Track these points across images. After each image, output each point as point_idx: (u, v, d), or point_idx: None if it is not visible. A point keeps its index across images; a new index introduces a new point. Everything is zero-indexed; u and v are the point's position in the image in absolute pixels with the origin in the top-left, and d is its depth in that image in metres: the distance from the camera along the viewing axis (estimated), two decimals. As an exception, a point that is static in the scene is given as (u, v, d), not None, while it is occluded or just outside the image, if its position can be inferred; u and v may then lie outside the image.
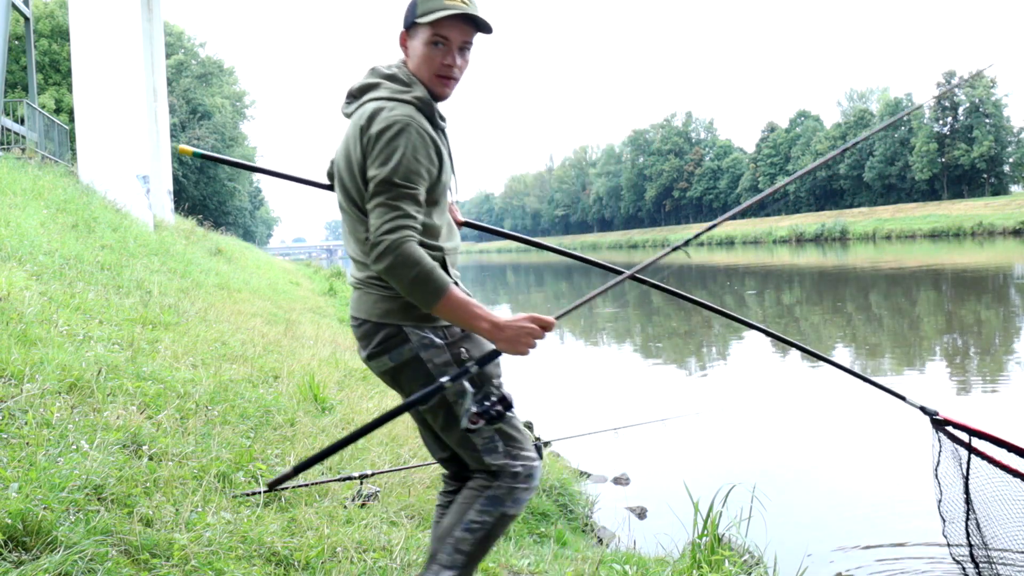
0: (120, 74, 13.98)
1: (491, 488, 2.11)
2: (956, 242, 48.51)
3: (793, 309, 17.64)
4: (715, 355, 12.14)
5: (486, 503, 2.10)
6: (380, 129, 1.93)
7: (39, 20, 31.25)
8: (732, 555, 3.29)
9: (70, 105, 26.19)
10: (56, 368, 3.46)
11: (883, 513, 5.03)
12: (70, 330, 4.30)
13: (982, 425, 2.71)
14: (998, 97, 74.76)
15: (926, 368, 9.79)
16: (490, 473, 2.12)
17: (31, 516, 2.22)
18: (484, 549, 2.13)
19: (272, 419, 4.22)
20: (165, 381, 4.01)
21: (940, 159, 76.80)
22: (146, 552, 2.42)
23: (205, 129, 45.42)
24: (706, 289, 25.28)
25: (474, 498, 2.12)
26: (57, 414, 3.02)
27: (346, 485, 3.65)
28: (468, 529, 2.09)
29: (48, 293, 4.97)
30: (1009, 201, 60.21)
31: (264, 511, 3.10)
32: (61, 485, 2.44)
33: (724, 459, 6.22)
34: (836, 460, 6.22)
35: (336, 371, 6.23)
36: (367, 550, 2.99)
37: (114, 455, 2.87)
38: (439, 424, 2.12)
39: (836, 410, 7.89)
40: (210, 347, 5.43)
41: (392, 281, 1.91)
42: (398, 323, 2.03)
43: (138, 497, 2.71)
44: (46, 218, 7.98)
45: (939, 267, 26.88)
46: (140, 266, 7.82)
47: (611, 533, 4.50)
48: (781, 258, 44.14)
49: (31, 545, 2.17)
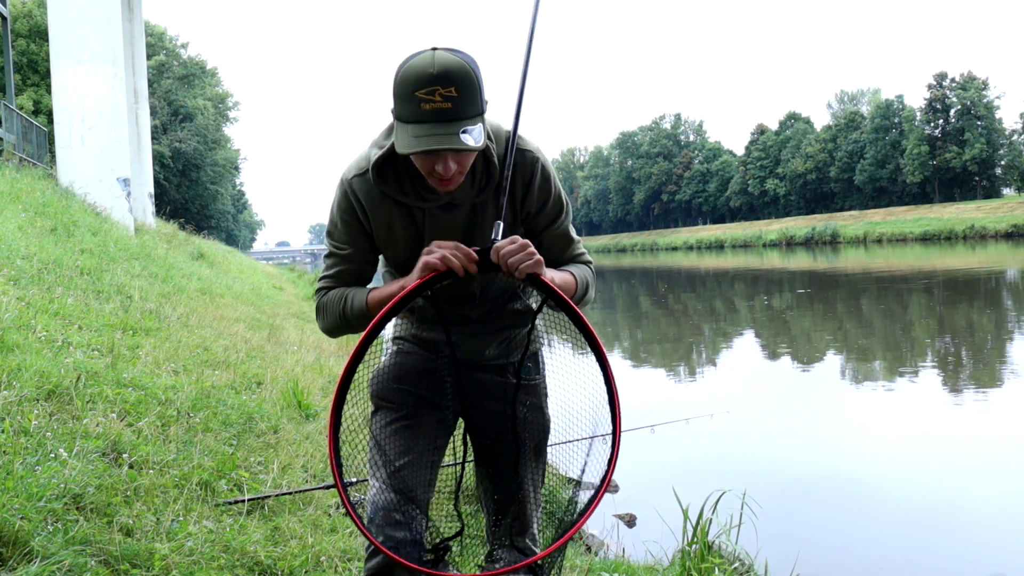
0: (100, 75, 13.83)
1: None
2: (947, 245, 48.99)
3: (783, 313, 17.75)
4: (704, 361, 12.17)
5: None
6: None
7: (16, 20, 30.88)
8: (722, 563, 3.28)
9: (49, 106, 25.92)
10: (34, 375, 3.39)
11: (874, 519, 5.04)
12: (48, 336, 4.22)
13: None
14: (990, 99, 75.63)
15: (918, 372, 9.86)
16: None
17: (8, 526, 2.17)
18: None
19: (255, 426, 4.18)
20: (146, 388, 3.95)
21: (931, 162, 77.50)
22: (126, 562, 2.38)
23: (187, 131, 45.11)
24: (694, 293, 25.44)
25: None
26: (35, 422, 2.96)
27: (330, 493, 3.60)
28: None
29: (26, 298, 4.88)
30: (1001, 204, 60.81)
31: (247, 520, 3.05)
32: (39, 494, 2.38)
33: (713, 466, 6.22)
34: (827, 466, 6.24)
35: (320, 377, 6.17)
36: (352, 559, 2.95)
37: (93, 463, 2.81)
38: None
39: (826, 415, 7.93)
40: (192, 353, 5.36)
41: (333, 331, 1.95)
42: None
43: (118, 506, 2.66)
44: (24, 222, 7.86)
45: (930, 270, 27.18)
46: (120, 271, 7.72)
47: (600, 541, 4.47)
48: (771, 262, 44.45)
49: (7, 556, 2.12)
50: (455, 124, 1.58)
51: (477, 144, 1.60)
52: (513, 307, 1.98)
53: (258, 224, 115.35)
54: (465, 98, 1.59)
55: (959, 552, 4.61)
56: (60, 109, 13.98)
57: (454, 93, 1.57)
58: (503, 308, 1.96)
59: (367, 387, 1.98)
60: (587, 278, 1.94)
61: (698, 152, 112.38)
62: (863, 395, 8.86)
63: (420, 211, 1.82)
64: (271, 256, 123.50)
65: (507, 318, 1.97)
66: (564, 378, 1.98)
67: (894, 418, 7.55)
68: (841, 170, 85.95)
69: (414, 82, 1.58)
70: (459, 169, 1.68)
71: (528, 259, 1.66)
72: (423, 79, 1.57)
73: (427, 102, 1.57)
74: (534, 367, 2.03)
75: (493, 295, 1.93)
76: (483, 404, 1.98)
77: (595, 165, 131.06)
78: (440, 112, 1.57)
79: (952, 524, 4.97)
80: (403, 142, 1.61)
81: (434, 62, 1.58)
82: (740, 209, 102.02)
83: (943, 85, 77.19)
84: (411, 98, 1.58)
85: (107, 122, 13.99)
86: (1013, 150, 75.60)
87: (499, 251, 1.66)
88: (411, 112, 1.59)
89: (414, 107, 1.58)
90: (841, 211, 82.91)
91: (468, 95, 1.59)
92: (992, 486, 5.56)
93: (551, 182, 1.87)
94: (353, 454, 1.91)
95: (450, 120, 1.58)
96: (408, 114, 1.60)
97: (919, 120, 79.05)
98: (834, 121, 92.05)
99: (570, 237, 1.97)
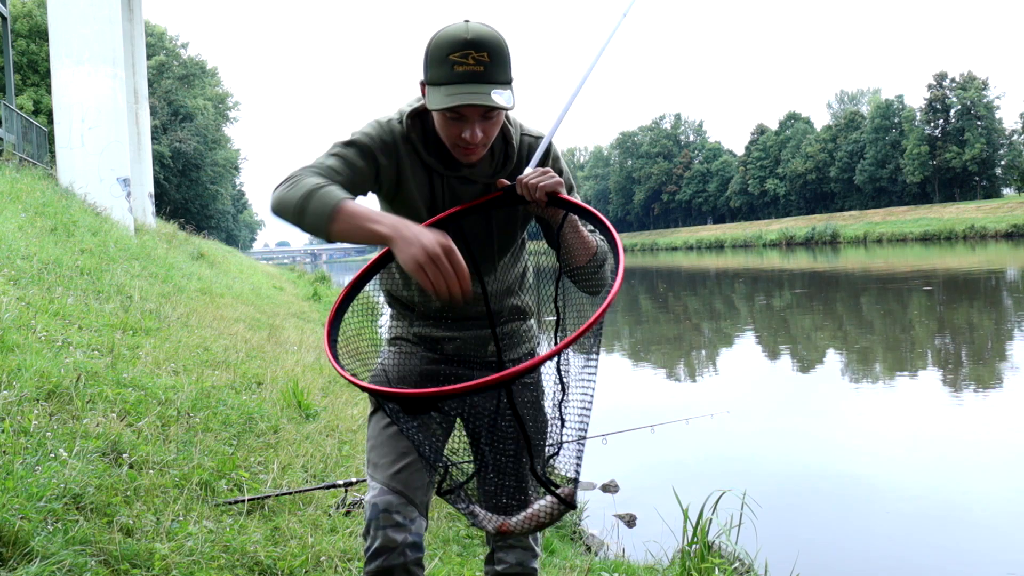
0: (100, 75, 13.83)
1: None
2: (947, 245, 48.95)
3: (783, 313, 17.75)
4: (704, 361, 12.17)
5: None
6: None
7: (16, 20, 30.87)
8: (722, 563, 3.28)
9: (49, 106, 25.93)
10: (34, 375, 3.39)
11: (874, 519, 5.04)
12: (48, 336, 4.22)
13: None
14: (990, 99, 75.58)
15: (918, 372, 9.86)
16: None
17: (8, 526, 2.16)
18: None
19: (255, 426, 4.17)
20: (146, 388, 3.95)
21: (931, 162, 77.45)
22: (126, 562, 2.38)
23: (187, 131, 45.10)
24: (694, 293, 25.44)
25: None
26: (35, 422, 2.96)
27: (331, 493, 3.60)
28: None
29: (26, 298, 4.88)
30: (1001, 204, 60.72)
31: (247, 520, 3.05)
32: (39, 494, 2.38)
33: (713, 465, 6.22)
34: (827, 466, 6.23)
35: (320, 377, 6.17)
36: (352, 559, 2.95)
37: (93, 463, 2.81)
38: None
39: (827, 415, 7.92)
40: (192, 353, 5.36)
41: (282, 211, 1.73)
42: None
43: (118, 506, 2.66)
44: (24, 222, 7.86)
45: (930, 270, 27.17)
46: (120, 271, 7.71)
47: (600, 541, 4.47)
48: (771, 262, 44.45)
49: (7, 556, 2.12)
50: (487, 86, 1.65)
51: (508, 105, 1.66)
52: (512, 303, 1.99)
53: (258, 224, 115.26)
54: (497, 63, 1.66)
55: (959, 552, 4.61)
56: (60, 109, 13.98)
57: (486, 58, 1.65)
58: (502, 304, 1.97)
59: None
60: (606, 249, 1.95)
61: (698, 152, 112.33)
62: (863, 395, 8.85)
63: (439, 177, 1.85)
64: (271, 256, 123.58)
65: (506, 313, 1.98)
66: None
67: (894, 418, 7.54)
68: (841, 170, 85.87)
69: (448, 46, 1.65)
70: (484, 139, 1.74)
71: (547, 179, 1.73)
72: (457, 43, 1.65)
73: (460, 64, 1.64)
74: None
75: (495, 291, 1.94)
76: (484, 403, 1.98)
77: (595, 165, 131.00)
78: (473, 74, 1.64)
79: (952, 524, 4.97)
80: (435, 100, 1.67)
81: (468, 29, 1.66)
82: (740, 209, 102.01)
83: (943, 85, 77.17)
84: (445, 60, 1.65)
85: (107, 122, 13.98)
86: (1013, 150, 75.50)
87: (521, 181, 1.75)
88: (444, 74, 1.65)
89: (448, 69, 1.65)
90: (841, 211, 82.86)
91: (500, 61, 1.67)
92: (993, 486, 5.55)
93: (562, 162, 1.94)
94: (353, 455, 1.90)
95: (482, 82, 1.65)
96: (441, 76, 1.66)
97: (919, 120, 79.00)
98: (834, 121, 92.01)
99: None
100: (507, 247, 1.95)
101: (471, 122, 1.70)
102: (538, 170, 1.76)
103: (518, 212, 1.90)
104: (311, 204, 1.63)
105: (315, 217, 1.62)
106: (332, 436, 4.56)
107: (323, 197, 1.63)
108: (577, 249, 1.79)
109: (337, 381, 6.15)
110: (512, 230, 1.94)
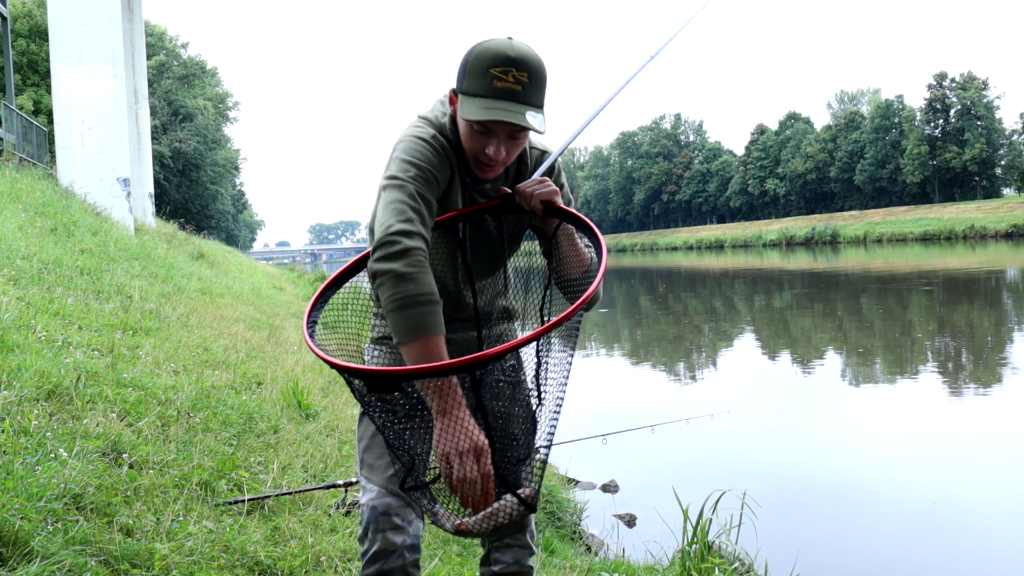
0: (100, 75, 13.82)
1: None
2: (947, 245, 48.96)
3: (783, 313, 17.75)
4: (704, 361, 12.17)
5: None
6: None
7: (16, 20, 30.87)
8: (722, 563, 3.28)
9: (49, 106, 25.93)
10: (34, 375, 3.39)
11: (874, 519, 5.04)
12: (48, 336, 4.22)
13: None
14: (990, 99, 75.52)
15: (918, 372, 9.86)
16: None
17: (8, 526, 2.16)
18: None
19: (255, 426, 4.17)
20: (146, 388, 3.94)
21: (931, 162, 77.37)
22: (126, 562, 2.38)
23: (187, 131, 45.09)
24: (694, 293, 25.42)
25: None
26: (35, 422, 2.96)
27: (331, 493, 3.60)
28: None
29: (26, 298, 4.88)
30: (1001, 204, 60.71)
31: (247, 520, 3.05)
32: (39, 494, 2.38)
33: (713, 466, 6.22)
34: (827, 466, 6.23)
35: (320, 377, 6.17)
36: (352, 559, 2.95)
37: (93, 463, 2.81)
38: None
39: (827, 415, 7.92)
40: (192, 353, 5.36)
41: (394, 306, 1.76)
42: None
43: (118, 506, 2.66)
44: (24, 222, 7.86)
45: (930, 271, 27.16)
46: (120, 271, 7.71)
47: (600, 541, 4.47)
48: (771, 262, 44.44)
49: (7, 556, 2.12)
50: (522, 106, 1.66)
51: (541, 128, 1.66)
52: (501, 304, 2.00)
53: (258, 224, 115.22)
54: (535, 85, 1.67)
55: (959, 552, 4.61)
56: (60, 109, 13.97)
57: (526, 78, 1.65)
58: (493, 305, 1.98)
59: (361, 387, 1.97)
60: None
61: (698, 152, 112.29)
62: (863, 395, 8.85)
63: (463, 186, 1.85)
64: (271, 256, 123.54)
65: (496, 315, 2.00)
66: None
67: (894, 418, 7.54)
68: (841, 170, 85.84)
69: (491, 60, 1.65)
70: (506, 158, 1.75)
71: (544, 188, 1.75)
72: (500, 58, 1.65)
73: (500, 80, 1.65)
74: (517, 364, 2.04)
75: (488, 296, 1.95)
76: None
77: (595, 165, 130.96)
78: (510, 91, 1.65)
79: (952, 524, 4.97)
80: (471, 111, 1.67)
81: (512, 47, 1.67)
82: (740, 209, 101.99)
83: (943, 85, 77.13)
84: (485, 73, 1.65)
85: (107, 122, 13.97)
86: (1013, 150, 75.47)
87: (519, 189, 1.77)
88: (482, 87, 1.65)
89: (487, 83, 1.65)
90: (841, 211, 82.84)
91: (538, 83, 1.68)
92: (993, 486, 5.56)
93: (563, 177, 1.97)
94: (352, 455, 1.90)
95: (519, 101, 1.65)
96: (479, 88, 1.66)
97: (919, 120, 78.96)
98: (834, 121, 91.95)
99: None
100: (512, 254, 1.97)
101: (498, 139, 1.71)
102: (536, 179, 1.78)
103: (523, 221, 1.92)
104: (402, 314, 1.54)
105: (398, 326, 1.55)
106: (332, 436, 4.56)
107: (415, 319, 1.53)
108: (571, 261, 1.80)
109: (337, 381, 6.15)
110: (519, 238, 1.96)
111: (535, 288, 1.94)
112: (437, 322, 1.55)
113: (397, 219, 1.61)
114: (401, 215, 1.62)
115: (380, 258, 1.57)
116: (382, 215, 1.64)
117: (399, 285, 1.54)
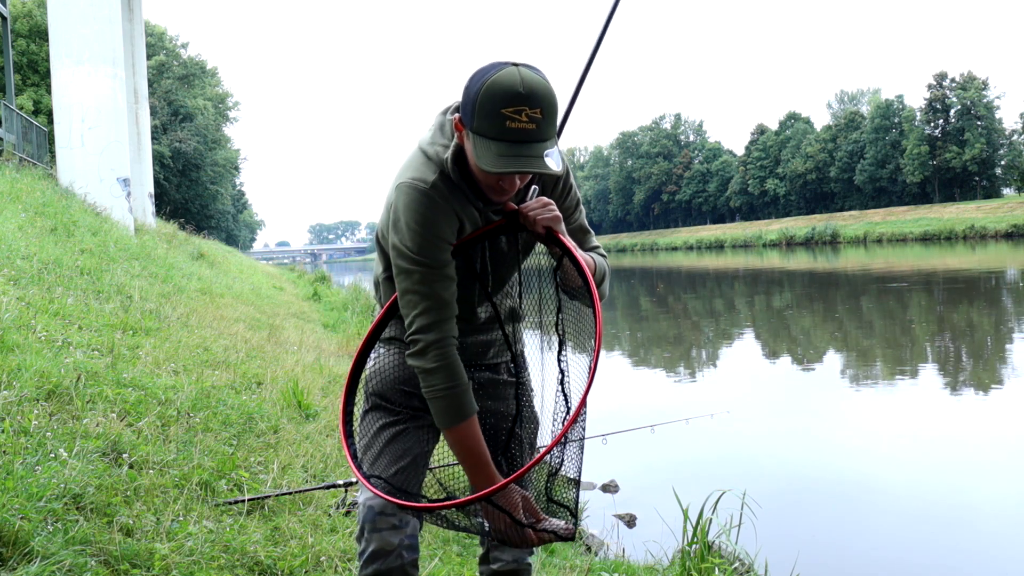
0: (100, 75, 13.82)
1: None
2: (947, 245, 48.93)
3: (783, 313, 17.74)
4: (704, 361, 12.17)
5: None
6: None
7: (16, 20, 30.86)
8: (722, 563, 3.28)
9: (49, 106, 25.90)
10: (34, 375, 3.39)
11: (874, 519, 5.04)
12: (48, 336, 4.22)
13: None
14: (990, 99, 75.43)
15: (918, 372, 9.86)
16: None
17: (8, 526, 2.16)
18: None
19: (255, 426, 4.17)
20: (146, 388, 3.94)
21: (931, 162, 77.26)
22: (126, 562, 2.38)
23: (187, 131, 45.08)
24: (694, 293, 25.42)
25: None
26: (35, 422, 2.96)
27: (330, 493, 3.60)
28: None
29: (26, 298, 4.88)
30: (1001, 204, 60.66)
31: (247, 520, 3.05)
32: (39, 494, 2.38)
33: (713, 466, 6.22)
34: (827, 466, 6.23)
35: (320, 377, 6.17)
36: (351, 559, 2.95)
37: (93, 463, 2.81)
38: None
39: (827, 415, 7.92)
40: (192, 353, 5.36)
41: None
42: None
43: (118, 506, 2.66)
44: (24, 222, 7.86)
45: (930, 271, 27.15)
46: (120, 271, 7.71)
47: (600, 541, 4.47)
48: (771, 262, 44.43)
49: (7, 556, 2.12)
50: (539, 146, 1.60)
51: (558, 169, 1.62)
52: (508, 304, 2.00)
53: (258, 224, 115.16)
54: (548, 119, 1.61)
55: (959, 552, 4.61)
56: (60, 109, 13.98)
57: (539, 115, 1.59)
58: (502, 306, 1.99)
59: (363, 384, 1.97)
60: (605, 268, 1.95)
61: (698, 152, 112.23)
62: (863, 395, 8.85)
63: (478, 210, 1.83)
64: (271, 256, 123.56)
65: (505, 317, 2.00)
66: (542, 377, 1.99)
67: (894, 418, 7.54)
68: (841, 170, 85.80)
69: (502, 99, 1.57)
70: (521, 185, 1.77)
71: (547, 213, 1.74)
72: (510, 97, 1.57)
73: (513, 120, 1.58)
74: (522, 364, 2.05)
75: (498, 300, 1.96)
76: (480, 403, 1.99)
77: (595, 165, 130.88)
78: (525, 132, 1.58)
79: (952, 524, 4.97)
80: (488, 160, 1.60)
81: (522, 81, 1.58)
82: (740, 209, 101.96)
83: (943, 85, 77.09)
84: (497, 115, 1.58)
85: (107, 122, 13.98)
86: (1013, 150, 75.42)
87: (524, 210, 1.75)
88: (496, 129, 1.59)
89: (500, 125, 1.58)
90: (841, 211, 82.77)
91: (551, 116, 1.61)
92: (993, 486, 5.56)
93: (571, 177, 1.94)
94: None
95: (534, 141, 1.59)
96: (492, 130, 1.59)
97: (919, 120, 78.92)
98: (834, 121, 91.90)
99: (587, 229, 2.00)
100: (524, 261, 1.97)
101: (513, 176, 1.69)
102: (540, 200, 1.75)
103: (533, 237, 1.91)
104: (436, 405, 1.77)
105: (436, 414, 1.78)
106: (332, 436, 4.56)
107: (448, 410, 1.76)
108: (575, 269, 1.79)
109: (337, 381, 6.16)
110: (531, 249, 1.95)
111: (546, 283, 1.93)
112: (467, 403, 1.76)
113: (414, 313, 1.76)
114: (416, 307, 1.76)
115: (409, 355, 1.79)
116: (403, 306, 1.78)
117: (428, 379, 1.75)
